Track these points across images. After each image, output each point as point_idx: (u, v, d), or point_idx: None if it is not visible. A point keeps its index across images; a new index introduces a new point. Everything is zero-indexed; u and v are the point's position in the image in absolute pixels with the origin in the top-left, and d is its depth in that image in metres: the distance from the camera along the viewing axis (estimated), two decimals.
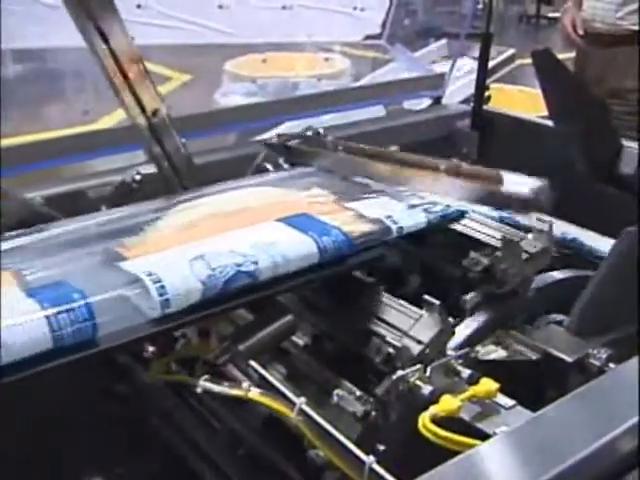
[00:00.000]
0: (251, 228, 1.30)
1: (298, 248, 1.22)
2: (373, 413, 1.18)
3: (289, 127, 2.36)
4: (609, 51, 3.07)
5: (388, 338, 1.26)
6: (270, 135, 2.25)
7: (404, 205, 1.44)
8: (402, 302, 1.32)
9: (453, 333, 1.25)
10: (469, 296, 1.33)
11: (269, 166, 1.82)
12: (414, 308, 1.29)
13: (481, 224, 1.44)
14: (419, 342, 1.23)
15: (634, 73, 2.91)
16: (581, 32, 3.19)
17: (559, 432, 0.93)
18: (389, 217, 1.36)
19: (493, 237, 1.38)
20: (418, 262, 1.50)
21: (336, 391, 1.22)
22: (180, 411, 1.47)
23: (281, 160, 1.82)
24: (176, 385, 1.43)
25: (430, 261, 1.48)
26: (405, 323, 1.27)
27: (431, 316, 1.24)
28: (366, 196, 1.50)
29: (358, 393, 1.22)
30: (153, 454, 1.58)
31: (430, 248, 1.47)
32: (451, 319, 1.26)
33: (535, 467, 0.84)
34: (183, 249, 1.20)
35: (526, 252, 1.34)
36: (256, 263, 1.16)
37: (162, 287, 1.08)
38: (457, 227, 1.44)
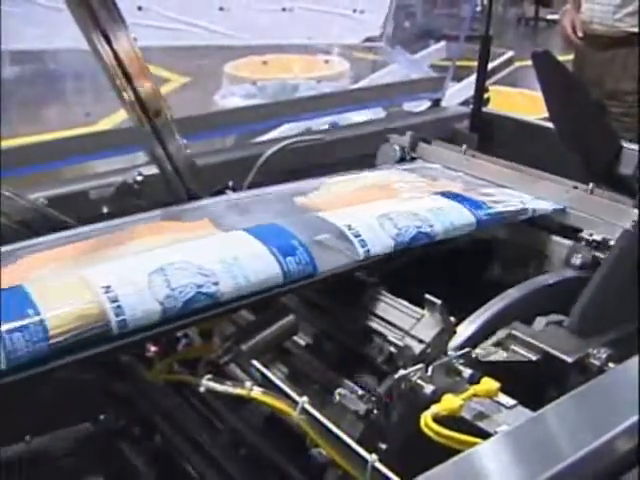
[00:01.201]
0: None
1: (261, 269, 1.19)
2: (375, 412, 1.19)
3: (288, 129, 2.37)
4: (607, 53, 3.09)
5: (390, 337, 1.27)
6: (269, 137, 2.26)
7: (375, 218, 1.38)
8: (403, 302, 1.33)
9: (454, 332, 1.25)
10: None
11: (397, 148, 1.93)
12: (416, 307, 1.29)
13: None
14: (420, 341, 1.23)
15: (631, 75, 2.92)
16: (580, 34, 3.20)
17: (559, 431, 0.94)
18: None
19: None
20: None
21: (338, 390, 1.23)
22: (182, 411, 1.47)
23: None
24: (178, 385, 1.44)
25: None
26: (407, 322, 1.27)
27: (432, 315, 1.25)
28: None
29: (360, 392, 1.23)
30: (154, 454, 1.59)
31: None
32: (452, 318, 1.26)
33: (535, 466, 0.85)
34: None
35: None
36: (217, 284, 1.14)
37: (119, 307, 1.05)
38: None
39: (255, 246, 1.22)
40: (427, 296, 1.25)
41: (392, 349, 1.26)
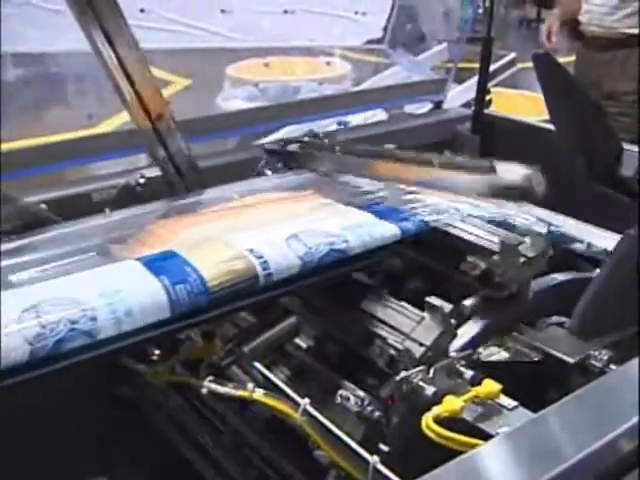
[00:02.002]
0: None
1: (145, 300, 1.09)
2: (377, 414, 1.19)
3: (290, 131, 2.38)
4: (606, 54, 3.09)
5: (390, 341, 1.27)
6: (271, 139, 2.27)
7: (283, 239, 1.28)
8: (404, 304, 1.33)
9: (455, 335, 1.26)
10: (468, 302, 1.33)
11: (268, 172, 1.81)
12: (416, 310, 1.29)
13: (478, 228, 1.43)
14: (421, 344, 1.24)
15: (630, 76, 2.93)
16: (555, 40, 3.21)
17: (560, 433, 0.94)
18: (262, 260, 1.19)
19: (491, 241, 1.37)
20: (417, 266, 1.49)
21: (340, 392, 1.23)
22: (184, 412, 1.48)
23: (279, 165, 1.82)
24: (181, 387, 1.44)
25: (429, 265, 1.46)
26: (407, 326, 1.28)
27: (433, 318, 1.25)
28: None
29: (362, 394, 1.23)
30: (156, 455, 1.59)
31: (428, 252, 1.45)
32: (453, 321, 1.26)
33: (536, 467, 0.85)
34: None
35: (524, 256, 1.32)
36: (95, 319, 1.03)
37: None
38: (455, 231, 1.41)
39: (143, 275, 1.12)
40: (428, 299, 1.26)
41: (393, 352, 1.26)
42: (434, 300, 1.25)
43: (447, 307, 1.24)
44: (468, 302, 1.31)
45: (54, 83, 2.49)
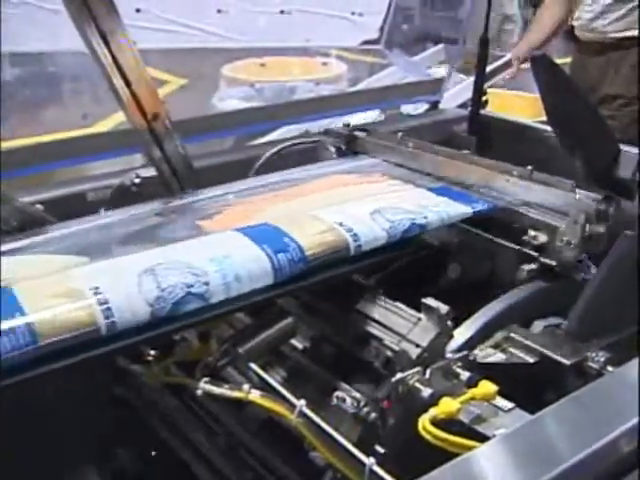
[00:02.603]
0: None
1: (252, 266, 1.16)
2: (373, 415, 1.19)
3: (286, 131, 2.37)
4: (600, 58, 3.09)
5: (387, 342, 1.27)
6: (266, 139, 2.26)
7: (367, 213, 1.36)
8: (401, 305, 1.33)
9: (451, 336, 1.25)
10: (526, 267, 1.39)
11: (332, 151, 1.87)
12: (413, 311, 1.29)
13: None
14: (417, 346, 1.23)
15: (623, 78, 2.93)
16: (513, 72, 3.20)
17: (557, 434, 0.94)
18: (352, 233, 1.28)
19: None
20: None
21: (336, 393, 1.23)
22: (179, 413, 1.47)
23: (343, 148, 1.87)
24: (176, 387, 1.43)
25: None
26: (404, 327, 1.27)
27: (430, 319, 1.25)
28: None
29: (358, 395, 1.22)
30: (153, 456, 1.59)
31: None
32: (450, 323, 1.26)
33: (533, 469, 0.85)
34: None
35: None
36: (207, 284, 1.10)
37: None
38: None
39: (247, 244, 1.20)
40: (424, 300, 1.25)
41: (389, 353, 1.26)
42: (430, 301, 1.25)
43: (444, 308, 1.24)
44: (526, 267, 1.39)
45: (51, 83, 2.49)
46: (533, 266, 1.41)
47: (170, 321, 1.09)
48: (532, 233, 1.44)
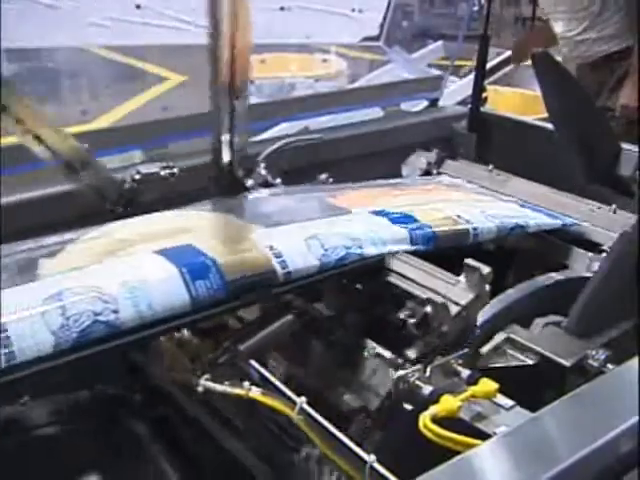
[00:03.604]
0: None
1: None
2: (374, 412, 1.19)
3: (286, 128, 2.37)
4: (592, 75, 3.07)
5: (424, 297, 1.26)
6: (265, 136, 2.26)
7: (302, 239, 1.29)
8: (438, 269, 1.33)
9: (487, 301, 1.27)
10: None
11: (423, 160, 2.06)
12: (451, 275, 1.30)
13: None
14: (457, 304, 1.23)
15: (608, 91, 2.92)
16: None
17: (558, 433, 0.94)
18: (281, 258, 1.21)
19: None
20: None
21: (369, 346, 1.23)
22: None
23: None
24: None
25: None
26: (442, 287, 1.27)
27: (470, 280, 1.25)
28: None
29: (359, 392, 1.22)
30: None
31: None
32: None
33: (534, 467, 0.85)
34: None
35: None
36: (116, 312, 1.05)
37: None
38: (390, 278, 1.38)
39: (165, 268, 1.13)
40: (467, 261, 1.25)
41: (427, 310, 1.24)
42: (472, 262, 1.25)
43: (485, 269, 1.24)
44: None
45: (50, 78, 2.49)
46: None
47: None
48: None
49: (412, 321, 1.24)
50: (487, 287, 1.24)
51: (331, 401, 1.24)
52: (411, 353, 1.20)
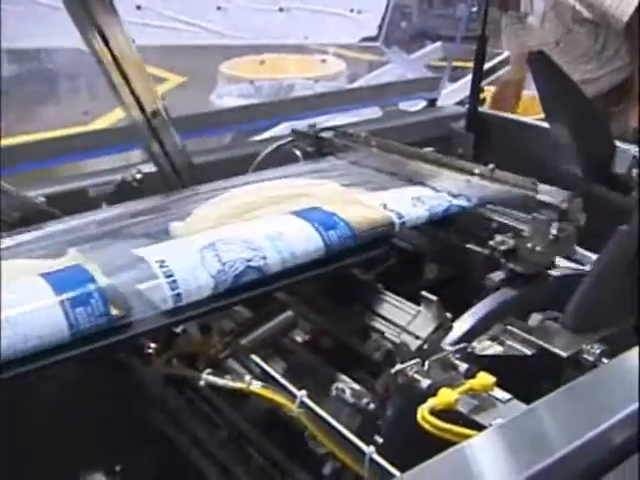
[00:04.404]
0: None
1: (305, 243, 1.25)
2: (372, 406, 1.20)
3: (285, 128, 2.38)
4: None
5: (387, 334, 1.29)
6: (264, 136, 2.28)
7: (409, 198, 1.48)
8: (400, 298, 1.34)
9: (450, 328, 1.27)
10: (494, 275, 1.39)
11: (298, 153, 1.89)
12: (411, 304, 1.31)
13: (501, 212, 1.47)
14: (417, 337, 1.25)
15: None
16: None
17: (553, 424, 0.95)
18: (395, 211, 1.39)
19: (518, 220, 1.42)
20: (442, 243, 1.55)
21: (335, 384, 1.24)
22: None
23: (310, 149, 1.88)
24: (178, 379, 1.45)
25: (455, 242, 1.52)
26: (403, 319, 1.29)
27: (428, 312, 1.26)
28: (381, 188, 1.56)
29: (357, 387, 1.24)
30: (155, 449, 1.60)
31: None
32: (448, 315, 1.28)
33: (529, 458, 0.85)
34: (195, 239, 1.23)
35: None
36: (265, 258, 1.19)
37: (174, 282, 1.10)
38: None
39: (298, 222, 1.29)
40: (423, 293, 1.27)
41: (389, 345, 1.28)
42: (429, 294, 1.26)
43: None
44: (494, 275, 1.38)
45: (51, 79, 2.50)
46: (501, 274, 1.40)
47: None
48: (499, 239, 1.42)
49: (377, 356, 1.29)
50: (448, 315, 1.27)
51: None
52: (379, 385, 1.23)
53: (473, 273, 1.46)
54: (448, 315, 1.27)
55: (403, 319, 1.29)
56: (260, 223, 1.30)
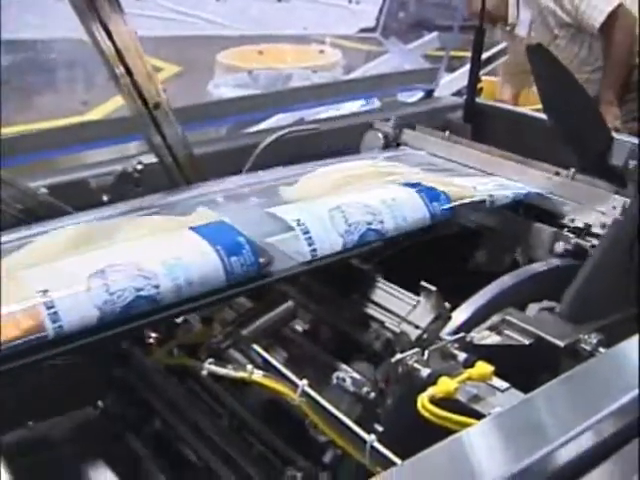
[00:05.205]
0: None
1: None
2: (372, 394, 1.22)
3: (281, 119, 2.39)
4: None
5: (387, 324, 1.30)
6: (262, 127, 2.28)
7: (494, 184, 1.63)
8: (400, 289, 1.36)
9: (449, 318, 1.29)
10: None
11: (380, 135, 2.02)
12: (412, 294, 1.32)
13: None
14: (417, 327, 1.27)
15: None
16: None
17: (550, 412, 0.96)
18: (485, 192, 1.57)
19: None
20: None
21: (336, 374, 1.26)
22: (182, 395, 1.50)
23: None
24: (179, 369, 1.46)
25: None
26: (403, 309, 1.31)
27: (428, 302, 1.28)
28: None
29: (357, 376, 1.26)
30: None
31: None
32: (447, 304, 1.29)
33: (526, 446, 0.87)
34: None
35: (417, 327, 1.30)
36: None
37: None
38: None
39: (200, 245, 1.20)
40: (423, 283, 1.28)
41: (389, 335, 1.29)
42: (429, 285, 1.28)
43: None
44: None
45: (52, 69, 2.50)
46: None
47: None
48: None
49: (377, 345, 1.31)
50: (447, 305, 1.29)
51: None
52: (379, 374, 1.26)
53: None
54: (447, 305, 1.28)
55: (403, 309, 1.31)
56: (376, 190, 1.45)
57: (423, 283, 1.28)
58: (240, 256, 1.18)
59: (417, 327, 1.26)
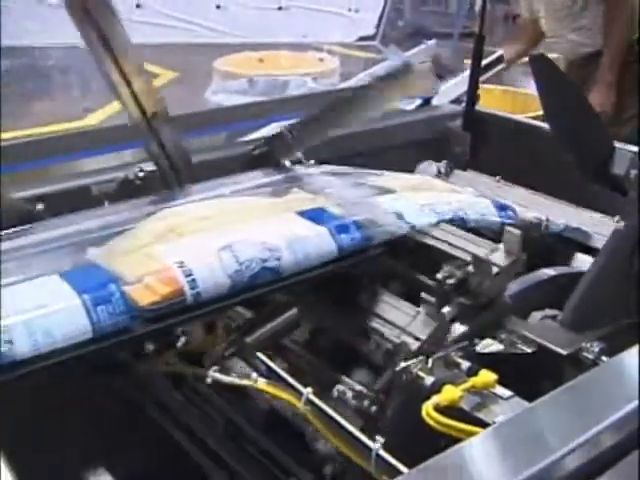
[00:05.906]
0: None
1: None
2: (373, 408, 1.22)
3: (277, 127, 2.38)
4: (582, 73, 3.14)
5: (387, 335, 1.30)
6: (257, 135, 2.28)
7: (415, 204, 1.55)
8: (400, 300, 1.36)
9: (449, 328, 1.29)
10: (446, 309, 1.33)
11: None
12: (411, 305, 1.33)
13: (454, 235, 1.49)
14: (417, 338, 1.27)
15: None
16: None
17: (554, 421, 0.96)
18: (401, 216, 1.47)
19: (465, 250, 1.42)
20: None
21: (337, 387, 1.25)
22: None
23: None
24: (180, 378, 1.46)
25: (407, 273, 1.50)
26: (403, 320, 1.31)
27: (428, 313, 1.28)
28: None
29: (358, 388, 1.25)
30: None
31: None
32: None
33: (530, 455, 0.87)
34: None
35: (496, 265, 1.34)
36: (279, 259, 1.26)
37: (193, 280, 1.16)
38: (430, 241, 1.49)
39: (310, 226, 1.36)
40: (423, 294, 1.29)
41: (389, 346, 1.29)
42: (429, 296, 1.28)
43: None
44: (446, 310, 1.32)
45: (51, 76, 2.50)
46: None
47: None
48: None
49: (378, 356, 1.32)
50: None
51: None
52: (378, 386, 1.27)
53: None
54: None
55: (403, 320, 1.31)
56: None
57: (423, 294, 1.28)
58: (348, 234, 1.34)
59: (417, 338, 1.26)
